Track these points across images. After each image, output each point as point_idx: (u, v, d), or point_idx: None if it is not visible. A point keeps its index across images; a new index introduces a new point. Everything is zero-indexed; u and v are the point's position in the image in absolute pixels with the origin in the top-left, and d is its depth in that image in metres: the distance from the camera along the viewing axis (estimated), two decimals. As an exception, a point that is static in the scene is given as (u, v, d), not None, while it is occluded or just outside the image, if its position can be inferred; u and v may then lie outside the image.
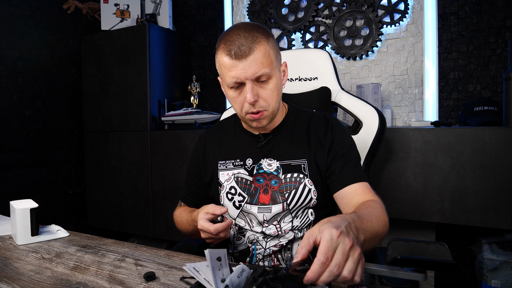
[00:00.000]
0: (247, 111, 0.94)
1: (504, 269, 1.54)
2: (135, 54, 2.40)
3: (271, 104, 0.95)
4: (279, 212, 0.99)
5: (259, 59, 0.89)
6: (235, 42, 0.89)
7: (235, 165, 1.04)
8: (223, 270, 0.66)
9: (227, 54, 0.90)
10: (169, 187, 2.29)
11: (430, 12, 1.95)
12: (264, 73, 0.90)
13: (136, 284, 0.73)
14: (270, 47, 0.92)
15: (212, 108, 2.71)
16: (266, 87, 0.93)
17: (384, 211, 0.85)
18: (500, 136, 1.49)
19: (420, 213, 1.65)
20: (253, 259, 1.01)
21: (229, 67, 0.90)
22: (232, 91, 0.94)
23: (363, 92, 1.93)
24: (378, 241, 0.81)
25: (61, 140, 2.67)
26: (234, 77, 0.90)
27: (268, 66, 0.91)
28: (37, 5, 2.50)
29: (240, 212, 1.02)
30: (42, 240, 1.02)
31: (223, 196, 1.04)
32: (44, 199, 2.55)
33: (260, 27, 0.93)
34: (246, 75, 0.89)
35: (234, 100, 0.95)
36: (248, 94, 0.91)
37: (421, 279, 0.75)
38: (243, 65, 0.89)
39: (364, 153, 1.23)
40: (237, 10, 2.54)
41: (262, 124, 0.97)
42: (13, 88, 2.38)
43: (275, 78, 0.94)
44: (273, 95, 0.94)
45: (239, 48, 0.88)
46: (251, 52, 0.88)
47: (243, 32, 0.90)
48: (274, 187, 0.99)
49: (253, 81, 0.91)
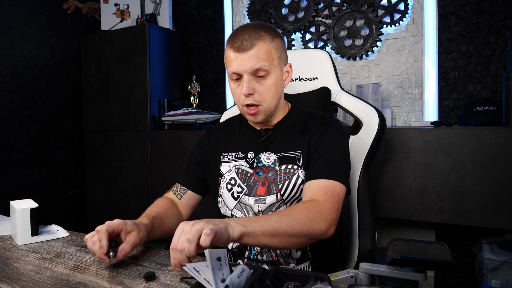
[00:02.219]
0: (243, 103, 0.99)
1: (504, 269, 1.53)
2: (135, 54, 2.40)
3: (266, 100, 0.98)
4: (273, 202, 1.00)
5: (259, 54, 0.94)
6: (239, 37, 0.95)
7: (237, 157, 1.07)
8: (223, 270, 0.66)
9: (231, 47, 0.96)
10: (169, 187, 2.27)
11: (430, 12, 1.95)
12: (262, 68, 0.95)
13: (136, 284, 0.73)
14: (273, 46, 0.97)
15: (212, 108, 2.71)
16: (264, 83, 0.97)
17: (308, 209, 0.83)
18: (500, 136, 1.49)
19: (420, 213, 1.65)
20: (251, 253, 1.02)
21: (231, 60, 0.96)
22: (232, 83, 1.00)
23: (363, 92, 1.93)
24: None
25: (61, 140, 2.67)
26: (233, 69, 0.96)
27: (268, 62, 0.95)
28: (37, 5, 2.50)
29: (237, 204, 1.04)
30: (42, 240, 1.02)
31: (222, 186, 1.06)
32: (44, 199, 2.55)
33: (269, 28, 0.99)
34: (244, 68, 0.95)
35: (234, 92, 1.01)
36: (244, 86, 0.96)
37: (421, 279, 0.75)
38: (243, 58, 0.94)
39: (364, 153, 1.23)
40: (237, 10, 2.54)
41: (258, 119, 1.01)
42: (13, 88, 2.38)
43: (274, 76, 0.98)
44: (270, 92, 0.98)
45: (241, 42, 0.94)
46: (252, 47, 0.94)
47: (250, 30, 0.96)
48: (270, 179, 1.02)
49: (250, 75, 0.96)
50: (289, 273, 0.70)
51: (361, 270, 0.82)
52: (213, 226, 0.68)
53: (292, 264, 1.01)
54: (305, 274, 0.69)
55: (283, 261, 1.01)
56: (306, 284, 0.64)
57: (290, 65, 1.05)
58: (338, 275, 0.85)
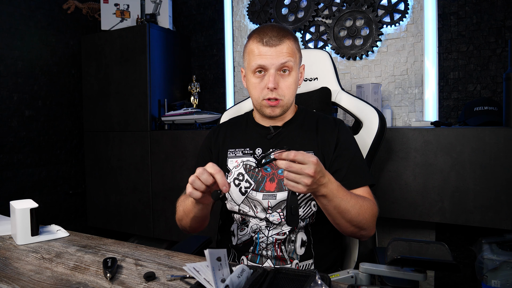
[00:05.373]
0: (265, 97, 1.02)
1: (504, 269, 1.53)
2: (135, 54, 2.40)
3: (287, 96, 1.03)
4: (284, 199, 1.01)
5: (286, 50, 1.00)
6: (267, 33, 1.00)
7: (245, 153, 1.09)
8: (223, 270, 0.66)
9: (259, 41, 1.00)
10: (169, 187, 2.29)
11: (430, 12, 1.95)
12: (287, 64, 1.00)
13: (136, 284, 0.73)
14: (295, 47, 1.03)
15: (212, 108, 2.71)
16: (287, 79, 1.02)
17: (371, 210, 0.95)
18: (500, 136, 1.49)
19: (420, 213, 1.65)
20: (256, 248, 1.03)
21: (258, 53, 1.00)
22: (254, 77, 1.03)
23: (363, 92, 1.93)
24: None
25: (61, 140, 2.67)
26: (260, 62, 1.00)
27: (293, 59, 1.01)
28: (37, 5, 2.50)
29: (245, 199, 1.05)
30: (42, 240, 1.02)
31: (229, 182, 1.07)
32: (44, 199, 2.55)
33: (290, 30, 1.05)
34: (273, 61, 0.99)
35: (255, 86, 1.03)
36: (270, 80, 0.99)
37: (421, 279, 0.75)
38: (271, 52, 0.99)
39: (364, 153, 1.23)
40: (237, 10, 2.54)
41: (275, 113, 1.04)
42: (13, 88, 2.38)
43: (295, 73, 1.04)
44: (291, 88, 1.03)
45: (270, 38, 0.99)
46: (281, 43, 0.99)
47: (276, 28, 1.01)
48: (280, 176, 1.04)
49: (276, 70, 1.00)
50: (289, 273, 0.70)
51: (361, 270, 0.83)
52: (311, 186, 0.80)
53: (295, 261, 1.02)
54: (305, 274, 0.69)
55: (287, 257, 1.02)
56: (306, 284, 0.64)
57: (304, 66, 1.11)
58: (338, 275, 0.85)
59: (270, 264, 1.02)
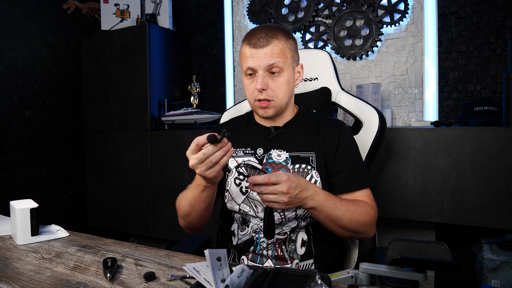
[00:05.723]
0: (255, 98, 1.03)
1: (504, 269, 1.53)
2: (135, 54, 2.40)
3: (279, 96, 1.02)
4: None
5: (274, 52, 0.99)
6: (256, 35, 1.00)
7: (246, 153, 1.09)
8: (223, 270, 0.66)
9: (247, 43, 1.01)
10: (169, 187, 2.29)
11: (430, 12, 1.95)
12: (276, 65, 0.99)
13: (136, 284, 0.73)
14: (287, 46, 1.02)
15: (212, 108, 2.71)
16: (277, 80, 1.01)
17: (366, 214, 0.97)
18: (500, 136, 1.49)
19: (420, 213, 1.65)
20: (257, 248, 1.03)
21: (247, 55, 1.01)
22: (246, 78, 1.04)
23: (363, 92, 1.93)
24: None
25: (61, 140, 2.67)
26: (249, 64, 1.01)
27: (282, 60, 1.00)
28: (37, 5, 2.50)
29: (245, 198, 1.05)
30: (42, 240, 1.02)
31: (230, 181, 1.08)
32: (44, 199, 2.55)
33: (283, 29, 1.04)
34: (259, 63, 0.99)
35: (247, 87, 1.05)
36: (258, 81, 1.00)
37: (421, 279, 0.75)
38: (259, 53, 0.99)
39: (364, 153, 1.23)
40: (237, 10, 2.54)
41: (268, 113, 1.04)
42: (13, 88, 2.38)
43: (287, 74, 1.02)
44: (282, 88, 1.02)
45: (258, 40, 0.99)
46: (268, 44, 0.99)
47: (266, 29, 1.01)
48: None
49: (264, 71, 1.00)
50: (289, 273, 0.70)
51: (361, 270, 0.83)
52: (289, 203, 0.85)
53: (296, 261, 1.02)
54: (305, 274, 0.69)
55: (288, 256, 1.02)
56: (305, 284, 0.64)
57: (302, 65, 1.10)
58: (338, 275, 0.85)
59: (270, 264, 1.02)
